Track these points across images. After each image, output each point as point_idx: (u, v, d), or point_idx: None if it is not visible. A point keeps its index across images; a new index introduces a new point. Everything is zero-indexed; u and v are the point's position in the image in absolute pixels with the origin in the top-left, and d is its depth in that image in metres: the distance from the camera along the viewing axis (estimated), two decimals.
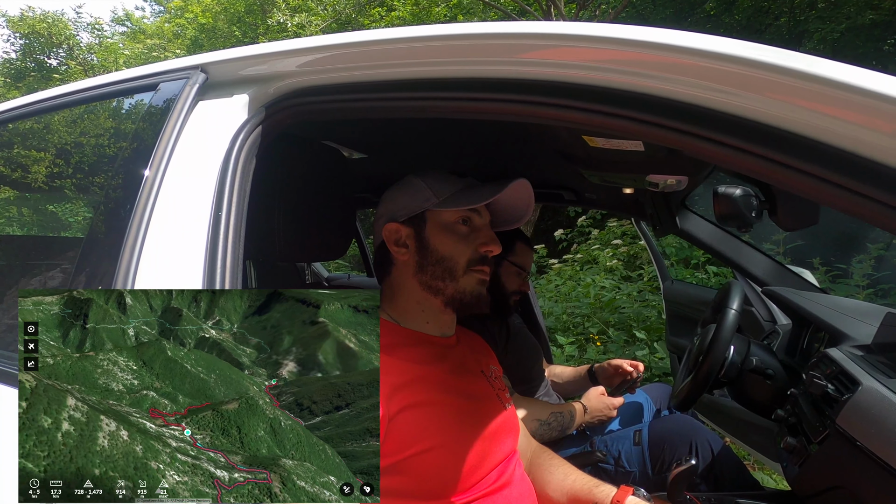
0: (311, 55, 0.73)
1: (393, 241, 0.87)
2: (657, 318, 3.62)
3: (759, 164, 0.52)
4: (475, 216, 0.87)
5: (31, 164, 1.15)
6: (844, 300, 1.36)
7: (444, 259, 0.84)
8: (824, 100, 0.48)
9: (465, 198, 0.85)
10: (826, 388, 0.90)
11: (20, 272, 1.21)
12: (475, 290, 0.85)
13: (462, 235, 0.85)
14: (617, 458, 1.33)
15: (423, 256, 0.85)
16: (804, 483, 0.95)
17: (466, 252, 0.84)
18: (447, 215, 0.86)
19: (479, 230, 0.87)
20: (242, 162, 0.71)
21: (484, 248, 0.85)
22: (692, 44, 0.52)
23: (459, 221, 0.86)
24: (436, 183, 0.88)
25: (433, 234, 0.85)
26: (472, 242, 0.85)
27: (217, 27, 11.51)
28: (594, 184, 1.47)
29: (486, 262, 0.85)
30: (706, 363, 1.14)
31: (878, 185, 0.47)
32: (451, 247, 0.84)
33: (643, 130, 0.58)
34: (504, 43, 0.62)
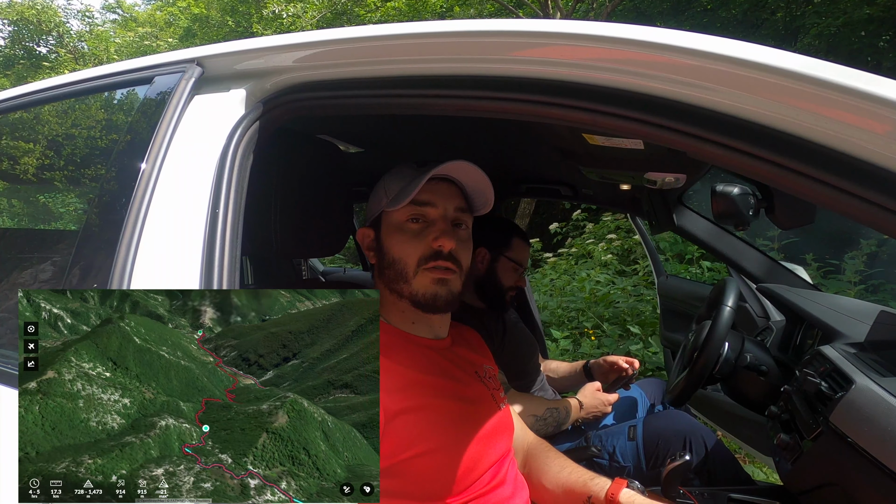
0: (308, 50, 0.72)
1: (365, 246, 0.86)
2: (651, 313, 3.65)
3: (754, 163, 0.53)
4: (428, 209, 0.81)
5: (20, 156, 1.13)
6: (838, 298, 1.37)
7: (395, 261, 0.81)
8: (818, 100, 0.48)
9: (404, 192, 0.80)
10: (819, 385, 0.91)
11: (11, 265, 1.19)
12: (430, 291, 0.79)
13: (413, 234, 0.80)
14: (611, 453, 1.34)
15: (380, 259, 0.83)
16: (797, 479, 0.96)
17: (417, 251, 0.79)
18: (397, 215, 0.81)
19: (433, 224, 0.81)
20: (240, 157, 0.70)
21: (436, 243, 0.79)
22: (686, 43, 0.52)
23: (409, 220, 0.81)
24: (391, 180, 0.84)
25: (386, 236, 0.83)
26: (424, 239, 0.80)
27: (210, 16, 11.36)
28: (592, 180, 1.47)
29: (440, 258, 0.79)
30: (701, 359, 1.15)
31: (870, 186, 0.47)
32: (400, 247, 0.80)
33: (638, 129, 0.58)
34: (499, 41, 0.61)
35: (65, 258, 0.97)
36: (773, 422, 1.08)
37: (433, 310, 0.81)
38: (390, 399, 0.72)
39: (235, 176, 0.69)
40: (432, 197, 0.81)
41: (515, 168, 1.69)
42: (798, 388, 1.00)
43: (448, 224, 0.81)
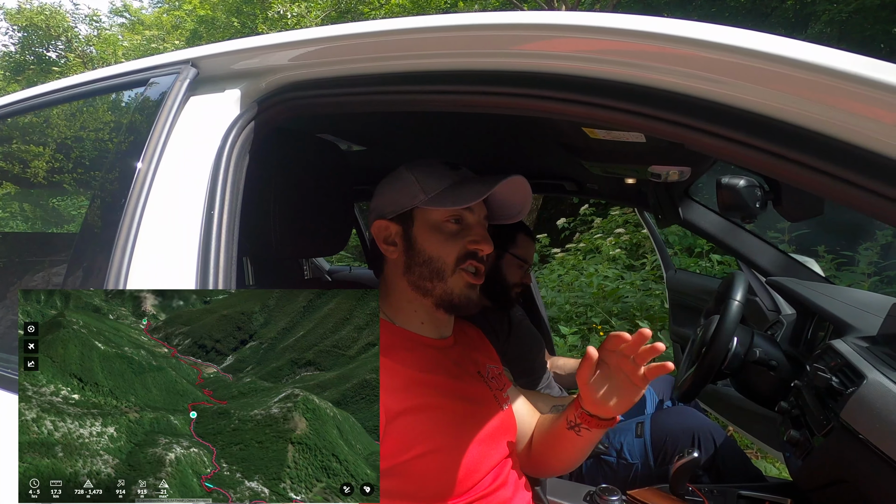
0: (303, 48, 0.71)
1: (382, 239, 0.84)
2: (660, 308, 3.61)
3: (760, 156, 0.51)
4: (467, 213, 0.83)
5: (31, 159, 1.14)
6: (850, 290, 1.34)
7: (432, 259, 0.81)
8: (824, 89, 0.46)
9: (455, 196, 0.81)
10: (830, 380, 0.89)
11: (21, 269, 1.20)
12: (463, 293, 0.81)
13: (451, 234, 0.81)
14: (619, 450, 1.33)
15: (411, 256, 0.82)
16: (807, 476, 0.94)
17: (454, 251, 0.80)
18: (436, 214, 0.82)
19: (471, 227, 0.83)
20: (235, 158, 0.70)
21: (473, 245, 0.81)
22: (691, 34, 0.51)
23: (449, 220, 0.82)
24: (425, 177, 0.83)
25: (420, 233, 0.82)
26: (461, 240, 0.81)
27: (216, 18, 11.42)
28: (596, 174, 1.46)
29: (475, 260, 0.81)
30: (709, 354, 1.13)
31: (877, 177, 0.46)
32: (439, 247, 0.81)
33: (642, 123, 0.56)
34: (498, 34, 0.60)
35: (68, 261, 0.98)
36: (784, 417, 1.06)
37: (460, 311, 0.83)
38: (392, 399, 0.71)
39: (231, 176, 0.69)
40: (473, 203, 0.82)
41: (518, 163, 1.68)
42: (808, 383, 0.98)
43: (485, 230, 0.84)
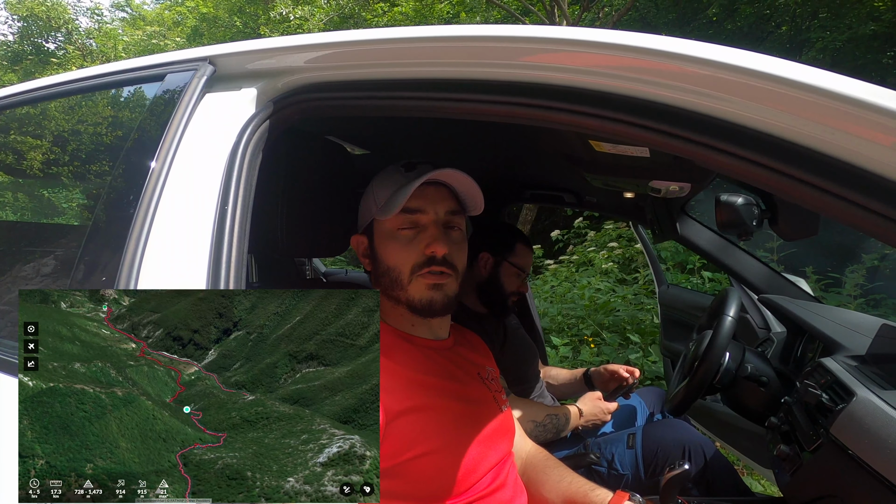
0: (320, 51, 0.73)
1: (360, 253, 0.87)
2: (651, 322, 3.64)
3: (763, 173, 0.53)
4: (418, 216, 0.81)
5: (27, 151, 1.14)
6: (839, 310, 1.37)
7: (390, 269, 0.81)
8: (827, 112, 0.48)
9: (393, 201, 0.80)
10: (820, 397, 0.91)
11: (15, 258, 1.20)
12: (425, 297, 0.79)
13: (406, 241, 0.80)
14: (610, 460, 1.34)
15: (375, 267, 0.84)
16: (796, 491, 0.96)
17: (411, 258, 0.80)
18: (389, 223, 0.81)
19: (425, 230, 0.81)
20: (249, 156, 0.71)
21: (429, 249, 0.79)
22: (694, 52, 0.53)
23: (401, 226, 0.81)
24: (379, 186, 0.83)
25: (380, 244, 0.83)
26: (417, 246, 0.80)
27: (218, 16, 11.43)
28: (596, 187, 1.48)
29: (434, 264, 0.79)
30: (701, 369, 1.15)
31: (878, 198, 0.47)
32: (394, 256, 0.80)
33: (645, 137, 0.58)
34: (508, 46, 0.62)
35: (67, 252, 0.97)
36: (773, 433, 1.08)
37: (430, 314, 0.81)
38: (392, 399, 0.71)
39: (245, 174, 0.69)
40: (423, 203, 0.80)
41: (521, 173, 1.70)
42: (799, 399, 1.00)
43: (440, 229, 0.81)
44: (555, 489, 0.90)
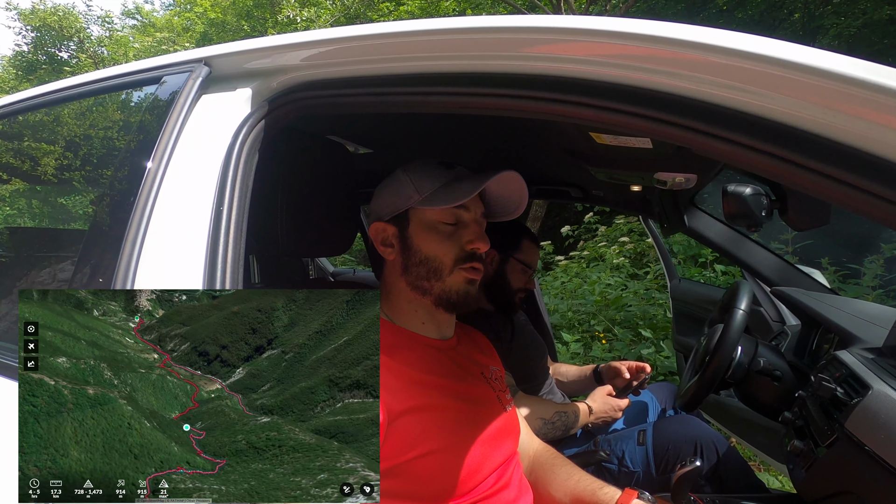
0: (314, 49, 0.72)
1: (380, 241, 0.85)
2: (663, 317, 3.60)
3: (772, 162, 0.51)
4: (462, 212, 0.83)
5: (41, 157, 1.16)
6: (855, 301, 1.34)
7: (429, 259, 0.81)
8: (838, 97, 0.47)
9: (448, 195, 0.81)
10: (835, 391, 0.88)
11: (27, 264, 1.21)
12: (462, 290, 0.81)
13: (447, 234, 0.82)
14: (620, 457, 1.32)
15: (408, 257, 0.82)
16: (811, 487, 0.93)
17: (452, 251, 0.81)
18: (430, 214, 0.82)
19: (467, 226, 0.83)
20: (245, 156, 0.71)
21: (470, 245, 0.81)
22: (703, 39, 0.51)
23: (444, 220, 0.82)
24: (419, 178, 0.84)
25: (416, 234, 0.82)
26: (459, 240, 0.81)
27: (226, 21, 11.53)
28: (601, 181, 1.46)
29: (474, 259, 0.82)
30: (713, 363, 1.12)
31: (890, 185, 0.45)
32: (436, 247, 0.81)
33: (651, 127, 0.57)
34: (507, 37, 0.60)
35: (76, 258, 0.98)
36: (787, 428, 1.05)
37: (459, 308, 0.83)
38: (394, 399, 0.71)
39: (240, 174, 0.69)
40: (469, 201, 0.82)
41: (526, 168, 1.68)
42: (813, 393, 0.97)
43: (481, 227, 0.84)
44: (562, 487, 0.89)
